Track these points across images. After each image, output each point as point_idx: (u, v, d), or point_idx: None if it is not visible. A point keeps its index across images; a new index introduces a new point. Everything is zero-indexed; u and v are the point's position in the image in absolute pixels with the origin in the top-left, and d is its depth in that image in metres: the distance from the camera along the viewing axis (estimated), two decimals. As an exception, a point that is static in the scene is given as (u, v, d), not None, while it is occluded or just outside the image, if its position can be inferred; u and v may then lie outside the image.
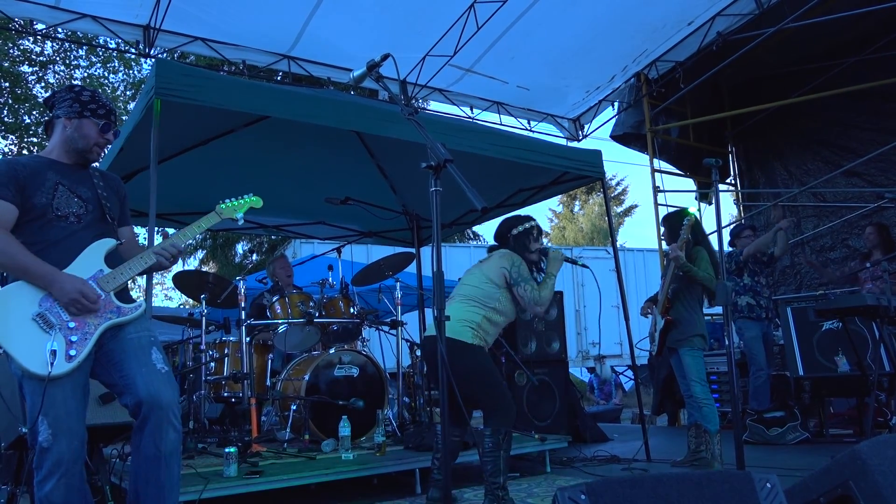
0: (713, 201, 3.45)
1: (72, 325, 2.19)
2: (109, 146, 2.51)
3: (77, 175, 2.42)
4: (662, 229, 4.76)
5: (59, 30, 6.90)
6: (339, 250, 5.92)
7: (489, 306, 3.35)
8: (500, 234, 3.59)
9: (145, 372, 2.22)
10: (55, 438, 2.10)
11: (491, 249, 3.63)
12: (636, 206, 28.96)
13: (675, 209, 5.11)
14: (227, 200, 2.72)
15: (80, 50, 15.28)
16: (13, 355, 2.10)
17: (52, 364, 2.09)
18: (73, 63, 15.64)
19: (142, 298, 2.43)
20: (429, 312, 3.24)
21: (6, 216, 2.22)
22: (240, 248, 18.46)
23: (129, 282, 2.43)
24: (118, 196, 2.55)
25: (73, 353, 2.16)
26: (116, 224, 2.48)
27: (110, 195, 2.48)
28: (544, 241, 3.66)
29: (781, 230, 5.95)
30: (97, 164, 2.59)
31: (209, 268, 18.03)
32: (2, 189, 2.22)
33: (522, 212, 6.27)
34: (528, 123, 9.30)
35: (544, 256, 3.55)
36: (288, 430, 4.33)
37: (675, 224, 4.51)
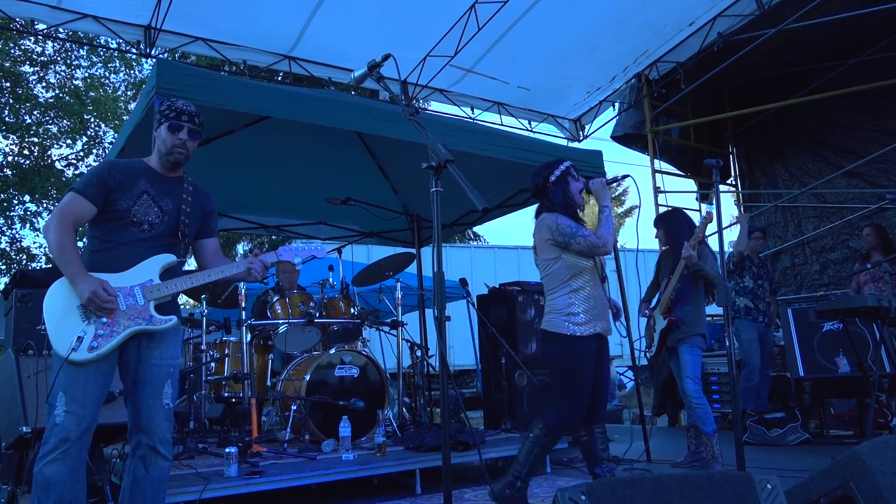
0: (714, 202, 3.44)
1: (105, 320, 2.34)
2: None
3: (167, 185, 2.55)
4: (657, 230, 4.73)
5: (60, 30, 6.89)
6: (339, 250, 5.93)
7: (566, 279, 3.20)
8: (537, 187, 3.36)
9: (152, 405, 2.44)
10: (67, 416, 2.25)
11: (537, 213, 3.38)
12: (637, 206, 28.95)
13: (668, 209, 5.08)
14: (296, 242, 2.80)
15: (81, 50, 15.24)
16: (49, 333, 2.29)
17: (73, 349, 2.26)
18: (73, 63, 15.62)
19: (175, 316, 2.51)
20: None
21: (81, 212, 2.39)
22: (240, 248, 18.46)
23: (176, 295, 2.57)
24: (203, 211, 2.67)
25: (95, 344, 2.31)
26: (189, 240, 2.60)
27: (193, 210, 2.60)
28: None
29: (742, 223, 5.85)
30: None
31: (210, 268, 18.00)
32: (89, 188, 2.39)
33: (523, 212, 6.29)
34: (529, 124, 9.29)
35: (588, 192, 3.33)
36: (288, 430, 4.34)
37: (673, 225, 4.50)
